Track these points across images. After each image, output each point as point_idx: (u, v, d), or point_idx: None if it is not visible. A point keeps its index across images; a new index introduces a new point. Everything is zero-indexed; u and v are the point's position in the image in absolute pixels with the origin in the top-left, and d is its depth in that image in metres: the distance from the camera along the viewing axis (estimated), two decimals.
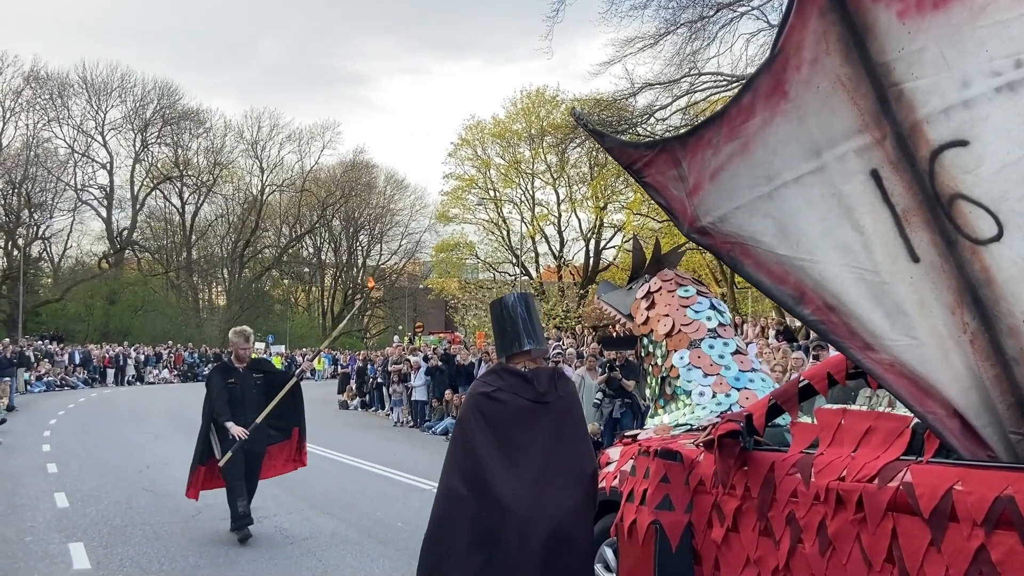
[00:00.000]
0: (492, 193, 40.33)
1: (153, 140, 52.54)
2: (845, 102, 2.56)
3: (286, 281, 61.06)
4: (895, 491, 2.91)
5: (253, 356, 7.36)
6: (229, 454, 6.68)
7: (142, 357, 36.01)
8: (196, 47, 77.46)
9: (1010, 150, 2.34)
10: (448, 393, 17.61)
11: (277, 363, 42.17)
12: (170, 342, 40.90)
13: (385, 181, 58.74)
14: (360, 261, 60.64)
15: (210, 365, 39.82)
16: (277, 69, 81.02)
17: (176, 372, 37.25)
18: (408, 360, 19.53)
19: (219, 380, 6.93)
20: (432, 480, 10.10)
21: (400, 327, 52.91)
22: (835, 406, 3.79)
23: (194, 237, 55.34)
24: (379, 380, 21.95)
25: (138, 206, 52.43)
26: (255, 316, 54.36)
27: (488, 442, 3.75)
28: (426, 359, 18.51)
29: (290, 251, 59.09)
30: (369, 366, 24.22)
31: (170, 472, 10.86)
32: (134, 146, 51.81)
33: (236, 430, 6.64)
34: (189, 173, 53.94)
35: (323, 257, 60.58)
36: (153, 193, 53.62)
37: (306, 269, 60.57)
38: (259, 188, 56.21)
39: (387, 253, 60.29)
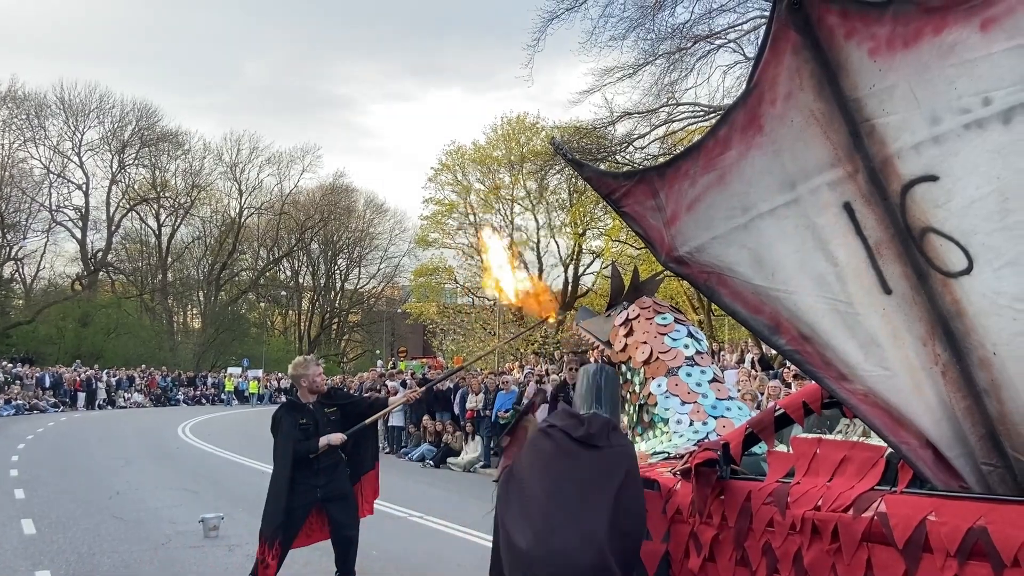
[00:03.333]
0: (472, 218, 40.42)
1: (130, 161, 52.17)
2: (818, 136, 2.60)
3: (263, 304, 60.61)
4: (870, 521, 2.93)
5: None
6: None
7: (114, 381, 35.49)
8: (179, 70, 77.51)
9: (979, 185, 2.38)
10: (425, 419, 17.50)
11: (254, 388, 41.80)
12: (143, 365, 40.38)
13: (365, 205, 58.72)
14: (338, 285, 60.39)
15: (184, 389, 39.53)
16: (260, 92, 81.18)
17: (149, 396, 36.75)
18: (386, 385, 19.40)
19: (289, 422, 5.84)
20: (407, 508, 10.01)
21: (378, 351, 52.59)
22: (811, 435, 3.82)
23: (170, 259, 54.85)
24: None
25: (113, 228, 51.94)
26: (231, 339, 53.87)
27: (530, 474, 3.77)
28: (404, 384, 18.40)
29: (267, 274, 58.73)
30: (345, 391, 24.01)
31: (141, 499, 10.68)
32: (111, 167, 51.42)
33: (334, 439, 5.76)
34: (166, 195, 53.57)
35: (301, 280, 60.24)
36: (129, 215, 53.17)
37: (283, 292, 60.17)
38: (237, 211, 55.94)
39: (365, 277, 60.16)
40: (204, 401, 39.57)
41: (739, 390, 9.47)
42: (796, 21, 2.48)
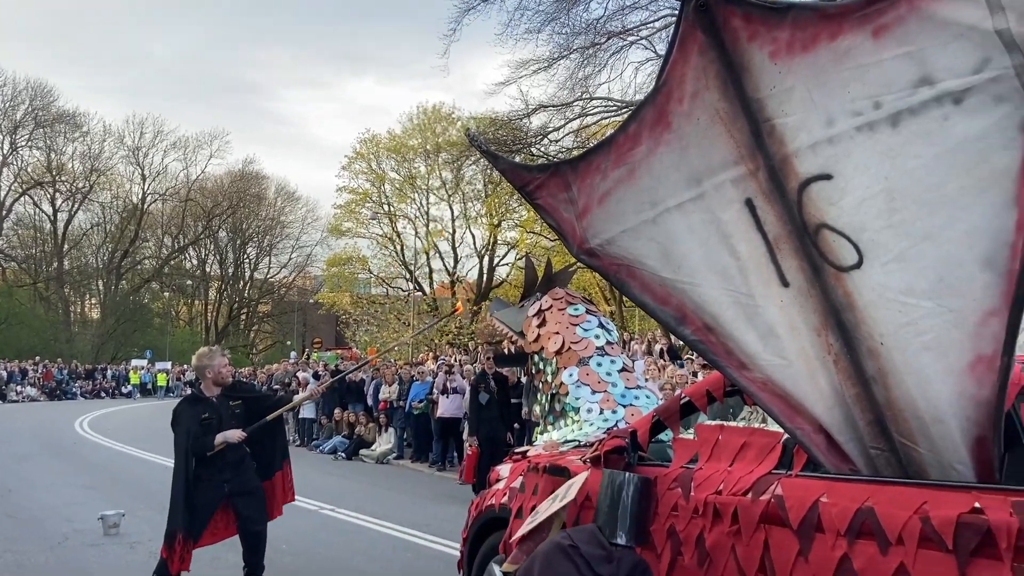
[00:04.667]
0: (386, 207, 39.99)
1: (23, 143, 49.44)
2: (723, 135, 2.70)
3: (167, 294, 58.44)
4: (767, 504, 3.06)
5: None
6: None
7: (4, 373, 33.65)
8: (80, 49, 73.89)
9: (868, 185, 2.52)
10: (337, 411, 17.28)
11: (162, 381, 40.21)
12: (37, 357, 38.42)
13: (276, 192, 57.21)
14: (247, 274, 58.75)
15: (81, 382, 37.76)
16: (166, 75, 77.98)
17: (43, 390, 35.00)
18: (296, 377, 19.06)
19: (190, 415, 5.64)
20: (318, 500, 9.86)
21: (289, 343, 51.46)
22: (714, 422, 3.96)
23: (67, 246, 52.27)
24: None
25: (5, 212, 49.13)
26: (132, 330, 51.76)
27: None
28: (316, 376, 18.10)
29: (172, 263, 56.61)
30: (254, 383, 23.46)
31: (35, 496, 10.21)
32: (2, 149, 48.63)
33: (231, 436, 5.58)
34: (63, 179, 50.99)
35: (208, 270, 58.35)
36: (22, 199, 50.39)
37: (189, 282, 58.14)
38: (140, 196, 53.72)
39: (276, 266, 58.70)
40: (103, 395, 37.96)
41: (647, 378, 9.72)
42: (703, 22, 2.55)
